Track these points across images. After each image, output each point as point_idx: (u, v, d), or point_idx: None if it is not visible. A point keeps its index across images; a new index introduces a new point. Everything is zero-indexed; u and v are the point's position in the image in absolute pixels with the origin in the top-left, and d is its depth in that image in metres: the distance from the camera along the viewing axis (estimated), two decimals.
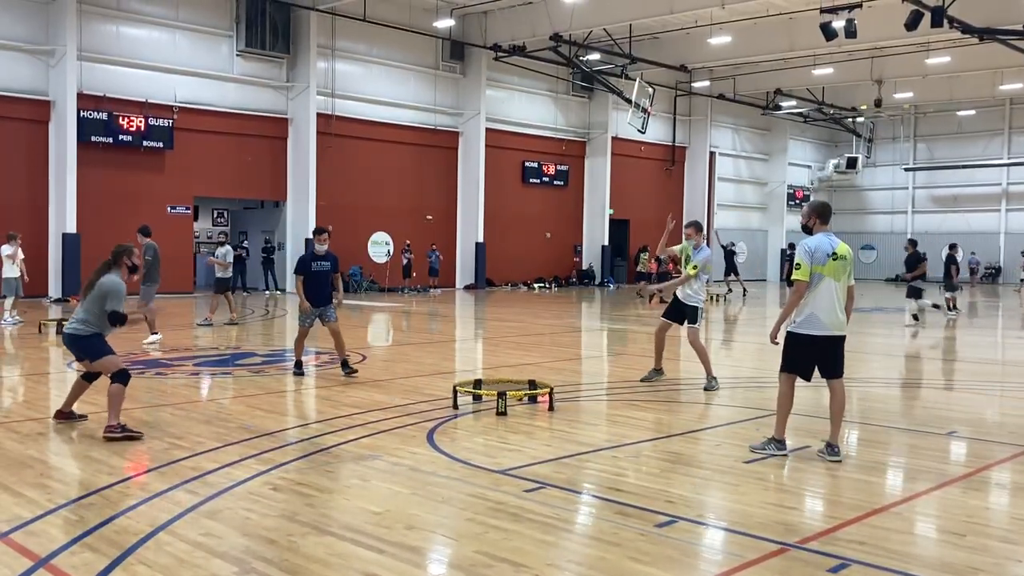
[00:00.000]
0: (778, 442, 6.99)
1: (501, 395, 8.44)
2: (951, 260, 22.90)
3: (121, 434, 7.34)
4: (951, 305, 22.47)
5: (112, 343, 7.85)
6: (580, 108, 37.10)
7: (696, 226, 10.46)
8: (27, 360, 12.63)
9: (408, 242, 30.04)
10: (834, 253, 6.77)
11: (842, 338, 6.90)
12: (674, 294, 10.51)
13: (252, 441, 7.23)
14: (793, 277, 6.78)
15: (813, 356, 6.84)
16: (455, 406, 8.74)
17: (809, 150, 48.45)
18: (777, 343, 7.13)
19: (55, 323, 15.69)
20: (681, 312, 10.31)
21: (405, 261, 29.68)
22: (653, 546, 4.89)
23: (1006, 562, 4.76)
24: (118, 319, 7.65)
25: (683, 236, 10.47)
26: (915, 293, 20.27)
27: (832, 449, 6.82)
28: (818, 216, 6.90)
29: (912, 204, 47.38)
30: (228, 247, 18.39)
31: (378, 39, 29.67)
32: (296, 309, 11.00)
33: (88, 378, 7.97)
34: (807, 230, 6.97)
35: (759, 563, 4.63)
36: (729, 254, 31.65)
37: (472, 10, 30.15)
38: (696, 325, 10.26)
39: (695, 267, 10.14)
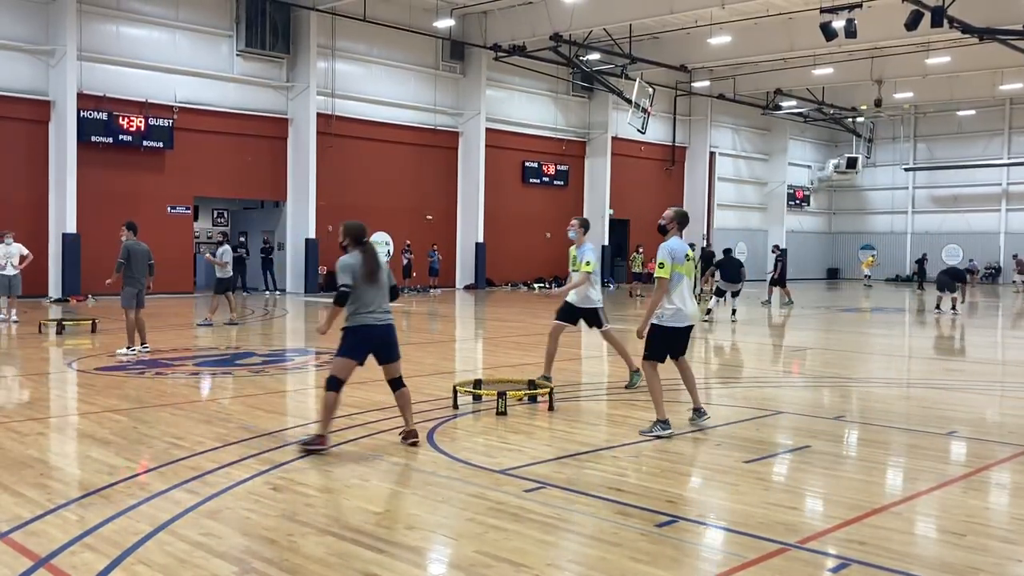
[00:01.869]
0: (663, 423, 7.53)
1: (501, 395, 8.44)
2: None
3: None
4: (952, 305, 22.60)
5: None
6: (580, 108, 37.10)
7: (583, 224, 10.12)
8: (27, 360, 12.63)
9: (408, 242, 30.04)
10: (687, 254, 7.71)
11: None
12: (565, 298, 10.07)
13: (252, 441, 7.23)
14: (657, 275, 7.57)
15: (675, 344, 7.75)
16: (455, 406, 8.75)
17: (809, 150, 48.45)
18: (642, 337, 7.82)
19: (55, 323, 15.69)
20: (574, 314, 9.93)
21: (405, 261, 29.67)
22: (653, 546, 4.89)
23: (1006, 562, 4.76)
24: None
25: (569, 234, 10.05)
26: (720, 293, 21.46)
27: (699, 412, 7.95)
28: (678, 223, 7.74)
29: (912, 204, 47.39)
30: (227, 247, 18.36)
31: (378, 39, 29.67)
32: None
33: (335, 386, 6.91)
34: (663, 231, 7.77)
35: (759, 563, 4.63)
36: (708, 256, 30.23)
37: (472, 10, 30.15)
38: (607, 326, 10.00)
39: (588, 263, 9.78)
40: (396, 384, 7.15)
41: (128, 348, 12.69)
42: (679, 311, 7.58)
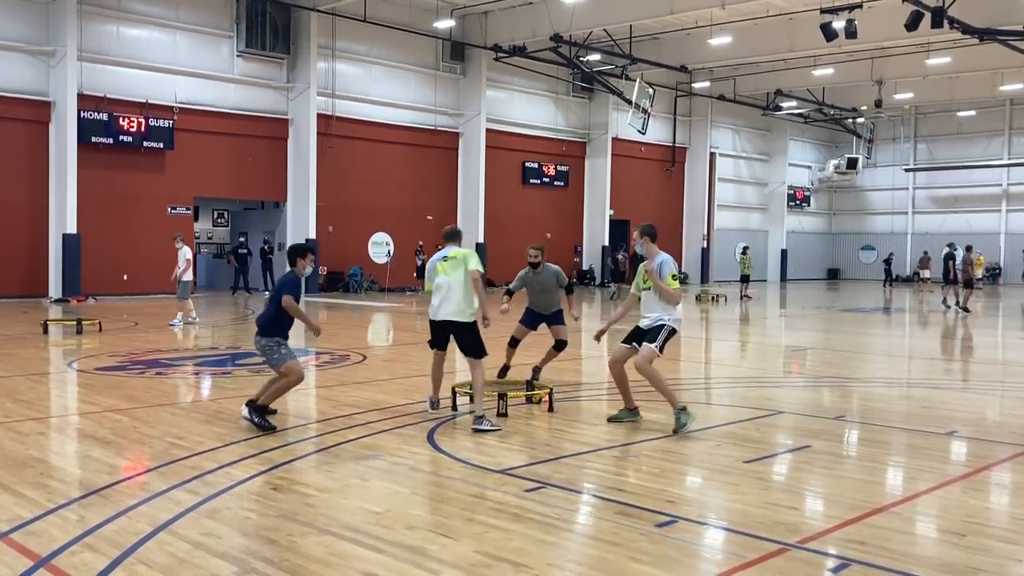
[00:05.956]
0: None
1: (502, 396, 8.44)
2: (966, 262, 23.79)
3: None
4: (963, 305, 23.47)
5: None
6: (580, 109, 37.10)
7: (645, 231, 8.27)
8: (27, 360, 12.62)
9: (421, 243, 30.01)
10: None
11: None
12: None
13: (252, 441, 7.23)
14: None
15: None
16: (454, 407, 8.74)
17: (809, 150, 48.45)
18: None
19: (75, 322, 15.61)
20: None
21: (419, 262, 29.30)
22: (654, 546, 4.89)
23: (1006, 562, 4.75)
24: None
25: (636, 248, 8.54)
26: None
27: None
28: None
29: (912, 205, 47.38)
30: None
31: (378, 39, 29.66)
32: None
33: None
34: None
35: (759, 563, 4.62)
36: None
37: (472, 10, 30.15)
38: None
39: (674, 276, 8.04)
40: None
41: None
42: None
